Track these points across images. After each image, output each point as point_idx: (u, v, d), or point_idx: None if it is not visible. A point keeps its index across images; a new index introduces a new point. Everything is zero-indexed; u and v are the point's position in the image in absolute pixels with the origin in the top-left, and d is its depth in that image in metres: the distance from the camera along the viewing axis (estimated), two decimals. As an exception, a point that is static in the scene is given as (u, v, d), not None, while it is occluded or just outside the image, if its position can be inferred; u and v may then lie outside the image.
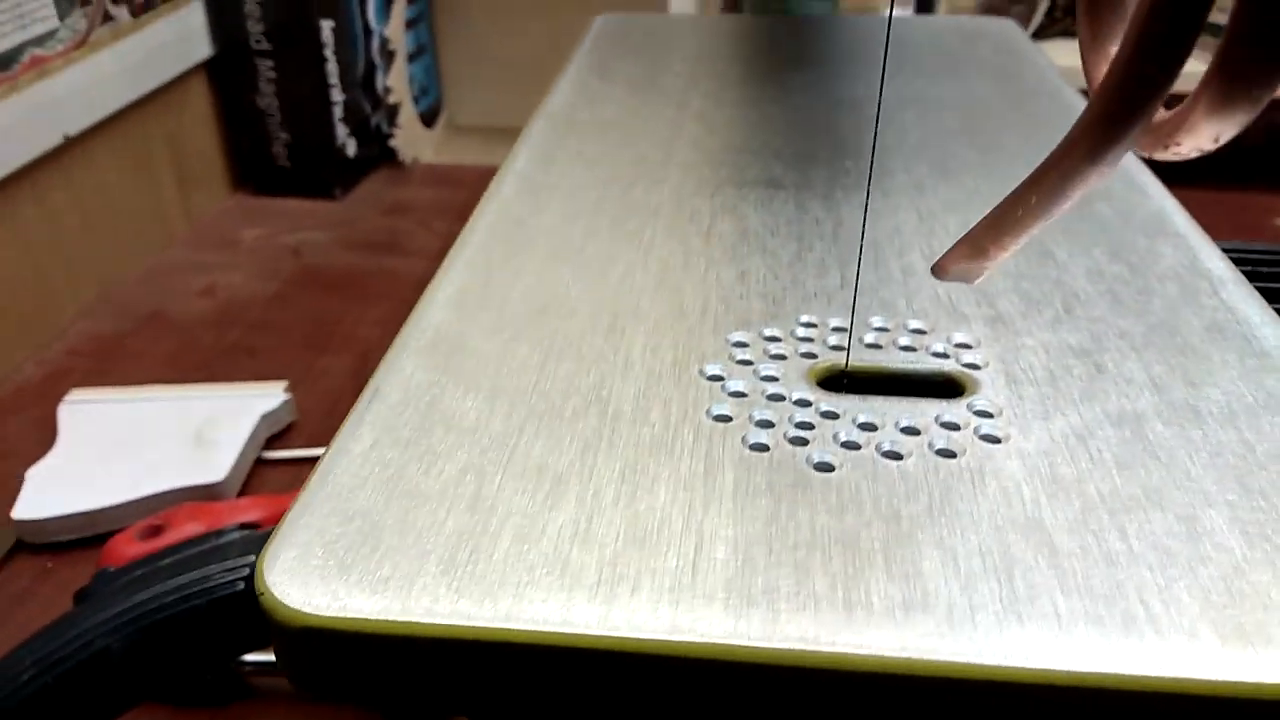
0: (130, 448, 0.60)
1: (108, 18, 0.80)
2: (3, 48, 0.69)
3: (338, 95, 0.99)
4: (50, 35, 0.74)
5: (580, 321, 0.27)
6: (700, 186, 0.36)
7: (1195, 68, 0.15)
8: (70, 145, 0.78)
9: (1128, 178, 0.36)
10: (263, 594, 0.19)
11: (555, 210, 0.34)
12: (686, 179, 0.37)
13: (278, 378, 0.69)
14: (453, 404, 0.24)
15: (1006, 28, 0.56)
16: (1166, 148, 0.15)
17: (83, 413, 0.65)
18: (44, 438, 0.62)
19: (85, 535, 0.57)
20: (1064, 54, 1.05)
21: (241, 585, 0.29)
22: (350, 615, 0.18)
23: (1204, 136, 0.14)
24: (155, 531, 0.53)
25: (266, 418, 0.62)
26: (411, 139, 1.13)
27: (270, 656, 0.47)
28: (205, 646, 0.40)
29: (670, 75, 0.48)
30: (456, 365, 0.25)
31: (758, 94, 0.46)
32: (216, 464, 0.57)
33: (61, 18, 0.75)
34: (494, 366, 0.25)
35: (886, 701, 0.18)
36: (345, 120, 1.00)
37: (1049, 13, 1.05)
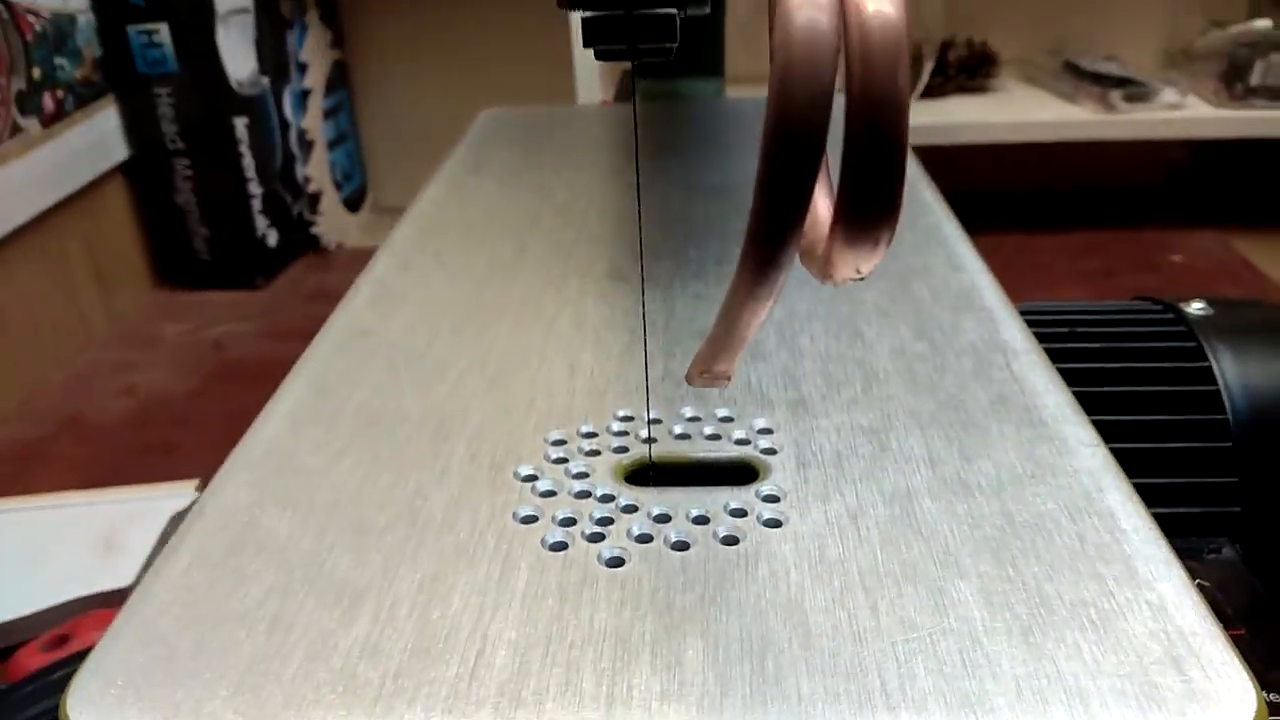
0: (39, 557, 0.60)
1: (16, 130, 0.82)
2: (-95, 168, 0.70)
3: (256, 188, 1.00)
4: (-45, 152, 0.75)
5: (407, 430, 0.29)
6: (548, 283, 0.38)
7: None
8: (-18, 257, 0.79)
9: (946, 251, 0.38)
10: (62, 727, 0.20)
11: (403, 318, 0.36)
12: (535, 276, 0.38)
13: (194, 474, 0.70)
14: (269, 524, 0.25)
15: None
16: (825, 276, 0.17)
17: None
18: (-48, 553, 0.62)
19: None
20: (958, 111, 1.09)
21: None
22: (138, 744, 0.19)
23: (847, 268, 0.16)
24: (60, 641, 0.53)
25: (177, 518, 0.62)
26: (335, 224, 1.15)
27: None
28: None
29: (540, 168, 0.51)
30: (278, 483, 0.27)
31: (622, 183, 0.48)
32: (124, 569, 0.58)
33: (-34, 134, 0.76)
34: (315, 483, 0.27)
35: (639, 791, 0.19)
36: (265, 212, 1.02)
37: (942, 71, 1.09)
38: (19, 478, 0.74)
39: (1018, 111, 1.08)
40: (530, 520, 0.25)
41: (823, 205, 0.19)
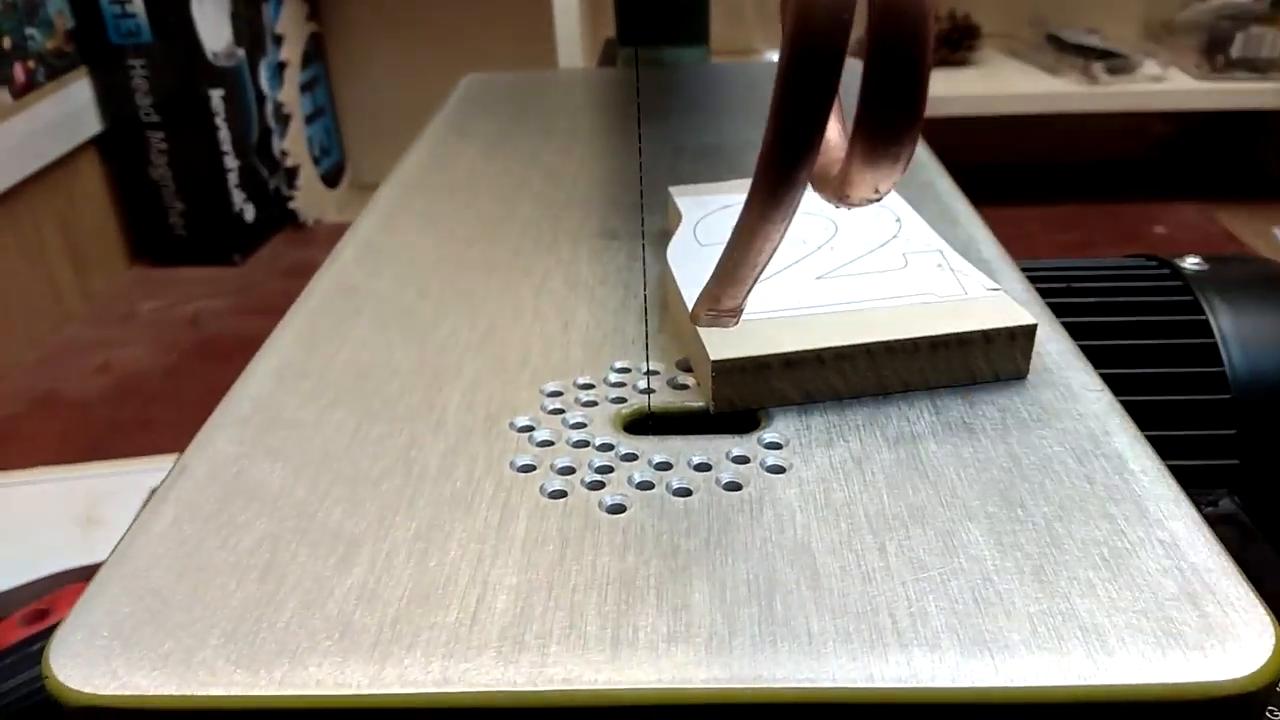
0: (17, 532, 0.59)
1: (-15, 100, 0.80)
2: None
3: (232, 162, 0.99)
4: (-78, 122, 0.74)
5: (399, 383, 0.28)
6: (538, 241, 0.37)
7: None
8: (-49, 230, 0.77)
9: (941, 205, 0.38)
10: (47, 677, 0.19)
11: (391, 274, 0.35)
12: (525, 235, 0.38)
13: (172, 450, 0.68)
14: (259, 475, 0.24)
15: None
16: (842, 198, 0.17)
17: (-30, 501, 0.64)
18: (-74, 530, 0.61)
19: (-26, 626, 0.55)
20: (940, 84, 1.09)
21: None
22: (128, 693, 0.19)
23: (865, 188, 0.16)
24: (40, 615, 0.52)
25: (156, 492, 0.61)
26: (313, 200, 1.14)
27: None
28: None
29: (525, 132, 0.50)
30: (268, 436, 0.26)
31: (609, 146, 0.48)
32: (104, 543, 0.57)
33: (-67, 104, 0.75)
34: (306, 435, 0.26)
35: (648, 733, 0.19)
36: (241, 186, 1.00)
37: (925, 43, 1.09)
38: (-5, 455, 0.73)
39: (1000, 84, 1.08)
40: (528, 469, 0.25)
41: (833, 130, 0.18)
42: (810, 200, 0.35)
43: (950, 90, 1.07)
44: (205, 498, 0.24)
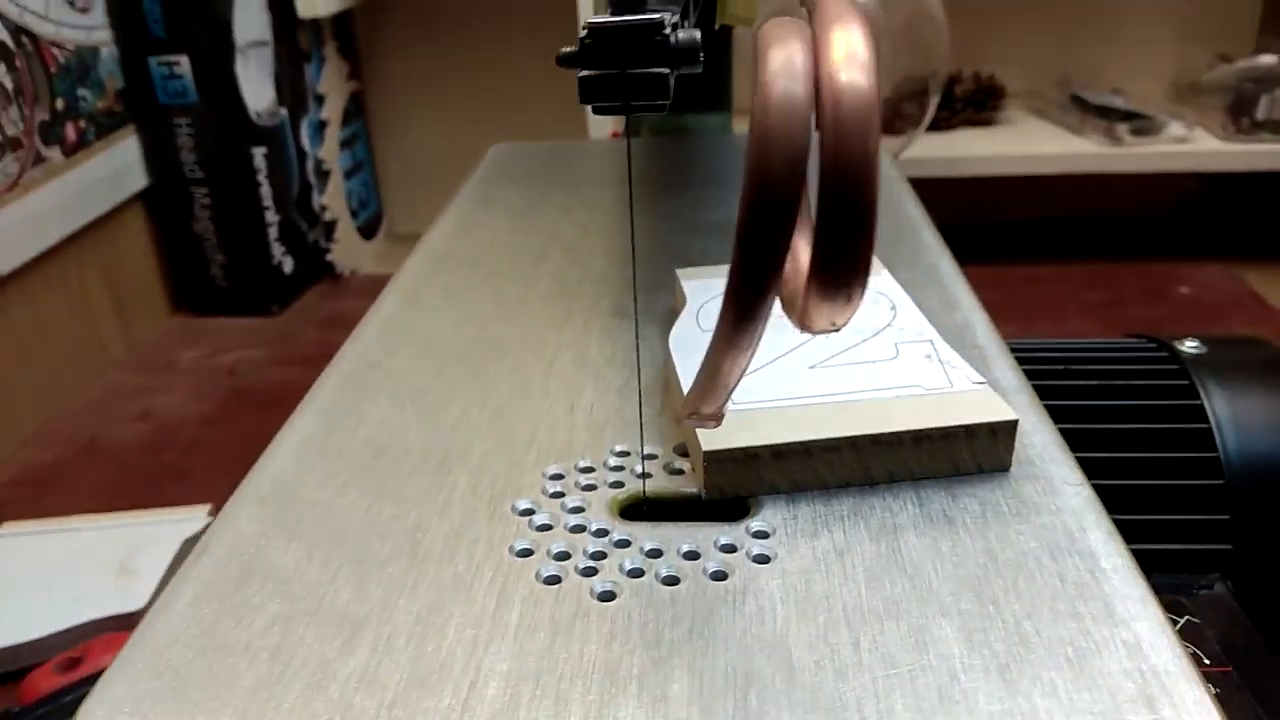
0: (55, 580, 0.61)
1: (39, 159, 0.84)
2: (-69, 198, 0.72)
3: (272, 216, 1.02)
4: (-21, 182, 0.77)
5: (411, 463, 0.30)
6: (551, 320, 0.39)
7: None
8: (4, 285, 0.80)
9: (942, 289, 0.39)
10: (72, 752, 0.21)
11: (410, 352, 0.37)
12: (540, 313, 0.39)
13: (206, 499, 0.71)
14: (275, 555, 0.26)
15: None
16: (804, 327, 0.18)
17: (14, 546, 0.66)
18: (-30, 576, 0.63)
19: (9, 669, 0.58)
20: (965, 143, 1.10)
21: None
22: (144, 770, 0.20)
23: (823, 321, 0.17)
24: (73, 664, 0.54)
25: (189, 543, 0.63)
26: (350, 251, 1.17)
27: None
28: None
29: (548, 204, 0.52)
30: (285, 516, 0.28)
31: (623, 221, 0.49)
32: (136, 593, 0.59)
33: (-10, 165, 0.78)
34: (321, 514, 0.28)
35: (624, 821, 0.20)
36: (281, 239, 1.04)
37: (949, 104, 1.11)
38: (36, 501, 0.76)
39: (1024, 144, 1.09)
40: (526, 554, 0.26)
41: (805, 256, 0.19)
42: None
43: (975, 150, 1.08)
44: (223, 578, 0.25)
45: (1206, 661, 0.32)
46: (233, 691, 0.22)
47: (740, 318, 0.17)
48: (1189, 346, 0.40)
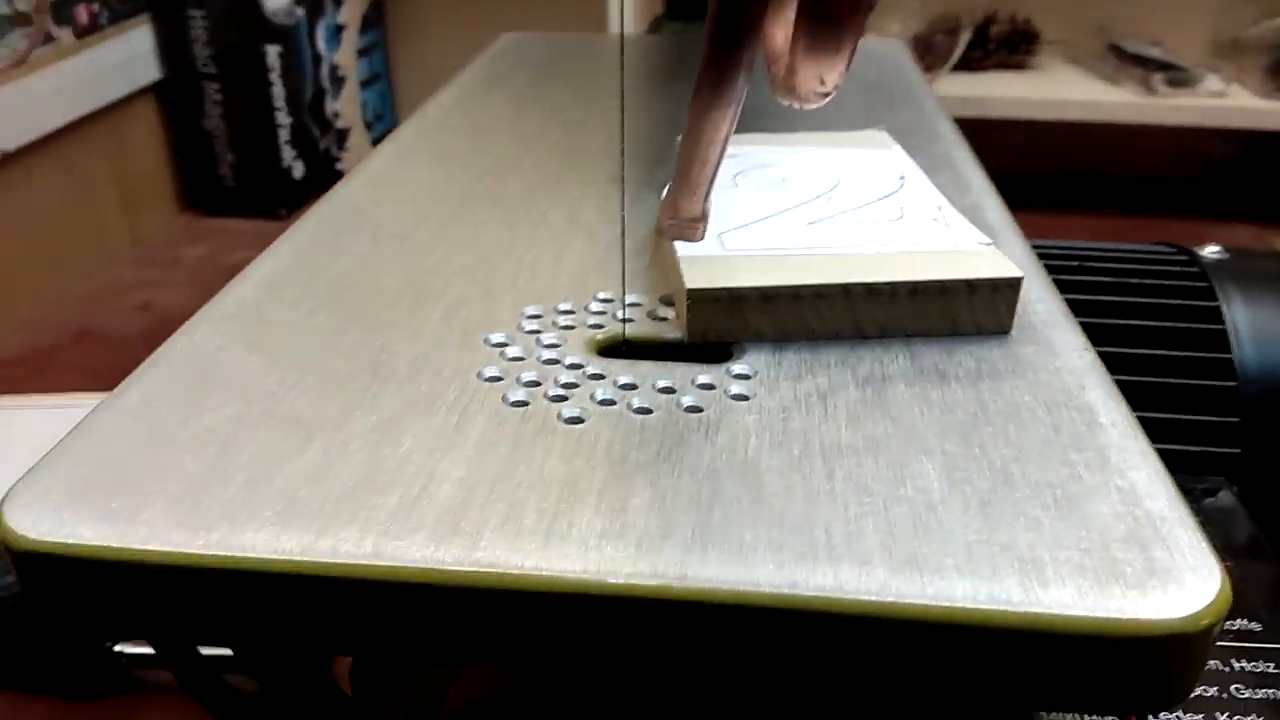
0: (44, 448, 0.61)
1: (49, 38, 0.82)
2: (-67, 63, 0.71)
3: (284, 119, 1.01)
4: (-15, 53, 0.76)
5: (384, 297, 0.29)
6: (545, 182, 0.37)
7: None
8: (6, 162, 0.79)
9: (955, 174, 0.37)
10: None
11: (396, 200, 0.35)
12: (535, 175, 0.38)
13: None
14: (233, 364, 0.25)
15: (893, 47, 0.57)
16: (790, 91, 0.16)
17: (3, 419, 0.65)
18: (-44, 442, 0.63)
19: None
20: (997, 85, 1.07)
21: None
22: (71, 541, 0.19)
23: (810, 78, 0.16)
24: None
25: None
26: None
27: (150, 649, 0.48)
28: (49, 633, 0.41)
29: (553, 87, 0.50)
30: (248, 331, 0.26)
31: (635, 105, 0.48)
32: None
33: (-3, 36, 0.77)
34: (284, 333, 0.26)
35: (570, 622, 0.19)
36: (292, 143, 1.02)
37: (982, 45, 1.08)
38: (31, 380, 0.75)
39: (1057, 89, 1.06)
40: (495, 380, 0.25)
41: (783, 37, 0.18)
42: (813, 153, 0.35)
43: (1006, 92, 1.05)
44: (177, 382, 0.24)
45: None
46: (172, 479, 0.21)
47: (720, 65, 0.16)
48: (1210, 252, 0.38)
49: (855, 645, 0.18)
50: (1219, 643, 0.27)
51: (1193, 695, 0.26)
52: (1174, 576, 0.19)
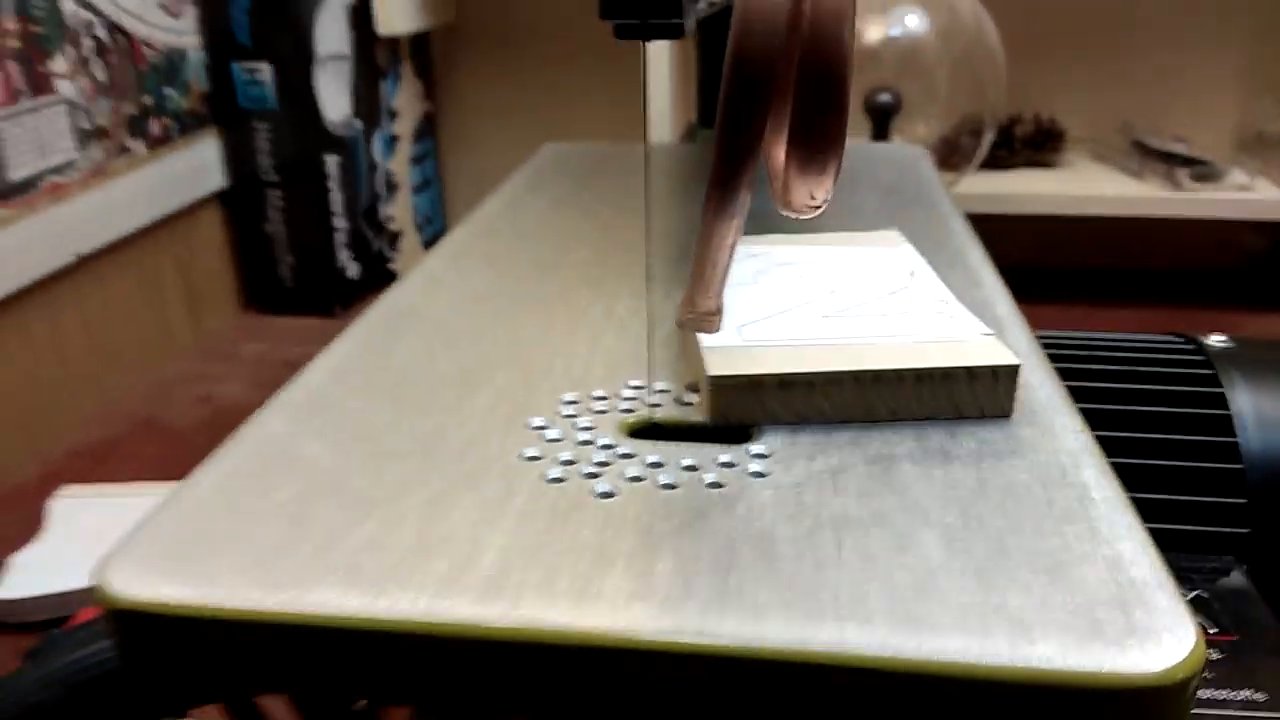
0: (110, 537, 0.64)
1: (124, 150, 0.88)
2: (23, 174, 0.76)
3: (341, 223, 1.06)
4: (69, 165, 0.82)
5: (437, 385, 0.31)
6: (584, 281, 0.40)
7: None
8: (82, 265, 0.85)
9: (967, 270, 0.40)
10: (96, 587, 0.22)
11: (447, 299, 0.38)
12: (572, 275, 0.41)
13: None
14: (301, 449, 0.28)
15: (914, 153, 0.61)
16: (787, 205, 0.19)
17: (70, 507, 0.69)
18: (34, 530, 0.66)
19: (61, 615, 0.60)
20: (1026, 183, 1.10)
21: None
22: (160, 600, 0.22)
23: (801, 194, 0.18)
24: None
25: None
26: (412, 263, 1.20)
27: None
28: (132, 704, 0.43)
29: (591, 193, 0.54)
30: (314, 419, 0.29)
31: (670, 210, 0.51)
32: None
33: (80, 149, 0.83)
34: (348, 420, 0.29)
35: (600, 673, 0.21)
36: (348, 245, 1.07)
37: (1007, 145, 1.11)
38: (95, 471, 0.79)
39: (1084, 185, 1.09)
40: (535, 459, 0.27)
41: (782, 156, 0.21)
42: (829, 252, 0.38)
43: (1035, 188, 1.08)
44: (250, 463, 0.27)
45: (1213, 630, 0.32)
46: (248, 548, 0.23)
47: (726, 183, 0.18)
48: (1215, 340, 0.40)
49: (857, 696, 0.20)
50: (1225, 710, 0.29)
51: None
52: (1152, 635, 0.20)
